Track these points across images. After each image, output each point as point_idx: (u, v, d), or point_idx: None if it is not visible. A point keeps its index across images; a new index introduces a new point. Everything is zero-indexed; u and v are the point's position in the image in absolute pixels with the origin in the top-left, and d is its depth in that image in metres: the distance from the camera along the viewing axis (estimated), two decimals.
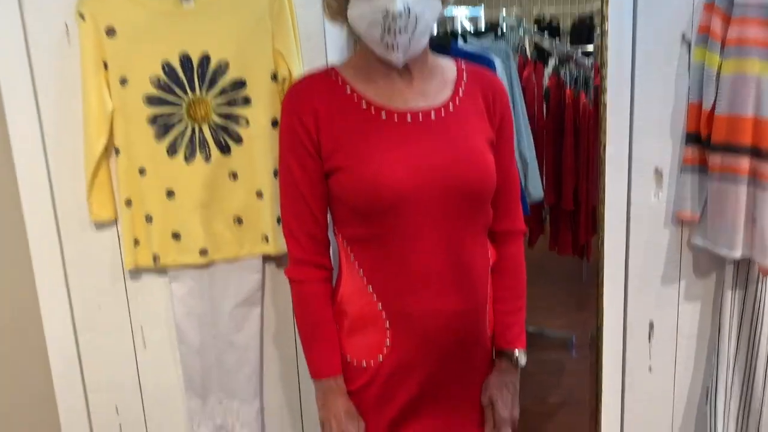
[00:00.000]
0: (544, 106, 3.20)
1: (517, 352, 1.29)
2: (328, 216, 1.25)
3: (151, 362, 1.69)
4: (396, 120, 1.17)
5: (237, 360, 1.65)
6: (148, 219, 1.55)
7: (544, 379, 3.15)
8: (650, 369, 1.89)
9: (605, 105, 1.72)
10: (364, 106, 1.18)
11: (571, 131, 3.12)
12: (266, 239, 1.58)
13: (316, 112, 1.17)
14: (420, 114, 1.18)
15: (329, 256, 1.26)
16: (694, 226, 1.77)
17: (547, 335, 3.49)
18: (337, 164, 1.16)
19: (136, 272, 1.63)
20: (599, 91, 1.75)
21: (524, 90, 2.89)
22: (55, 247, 1.61)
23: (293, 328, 1.68)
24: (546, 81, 3.22)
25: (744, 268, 1.75)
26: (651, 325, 1.86)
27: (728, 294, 1.77)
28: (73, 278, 1.63)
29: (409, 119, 1.18)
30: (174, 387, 1.71)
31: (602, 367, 1.87)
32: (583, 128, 3.11)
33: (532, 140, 2.71)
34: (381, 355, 1.22)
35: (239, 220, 1.57)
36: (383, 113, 1.17)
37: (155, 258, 1.57)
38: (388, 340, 1.21)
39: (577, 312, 3.75)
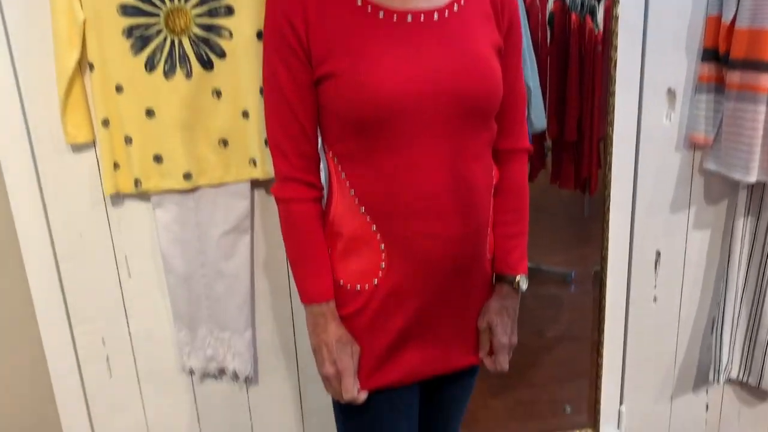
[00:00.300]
0: (548, 32, 3.05)
1: (518, 277, 1.22)
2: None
3: (137, 292, 1.62)
4: (395, 20, 1.06)
5: (226, 289, 1.58)
6: (128, 140, 1.45)
7: (542, 314, 3.11)
8: (655, 299, 1.83)
9: (617, 18, 1.61)
10: (360, 4, 1.06)
11: (576, 59, 2.98)
12: (254, 163, 1.49)
13: (306, 9, 1.05)
14: (422, 14, 1.07)
15: (320, 175, 1.17)
16: (707, 149, 1.68)
17: (545, 271, 3.44)
18: (329, 70, 1.05)
19: (118, 198, 1.54)
20: (612, 4, 1.63)
21: (527, 14, 2.75)
22: (30, 173, 1.51)
23: (285, 257, 1.60)
24: (550, 5, 3.06)
25: (758, 193, 1.67)
26: (658, 254, 1.79)
27: (740, 221, 1.70)
28: (52, 205, 1.54)
29: (409, 19, 1.06)
30: (162, 318, 1.64)
31: (605, 297, 1.82)
32: (589, 56, 2.97)
33: (536, 67, 2.58)
34: (376, 279, 1.14)
35: (224, 142, 1.47)
36: (381, 12, 1.06)
37: (137, 182, 1.48)
38: (383, 263, 1.13)
39: (578, 248, 3.68)
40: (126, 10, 1.38)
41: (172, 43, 1.41)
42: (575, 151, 3.11)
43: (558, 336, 2.94)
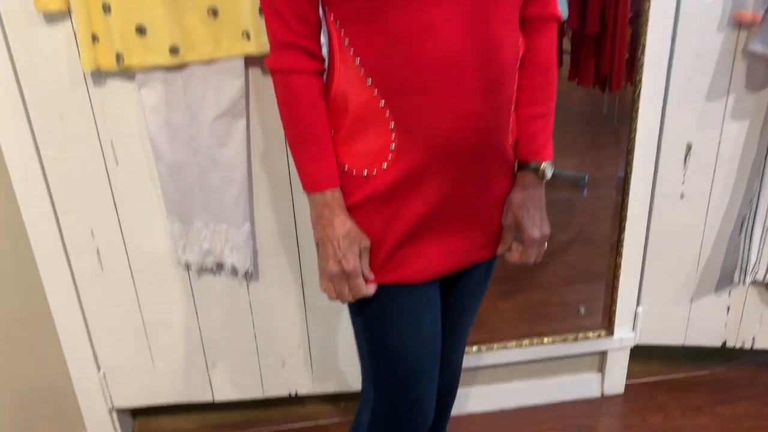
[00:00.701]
0: None
1: (543, 164, 1.10)
2: None
3: (126, 181, 1.50)
4: None
5: (222, 179, 1.46)
6: (106, 9, 1.29)
7: (553, 219, 3.00)
8: (682, 196, 1.71)
9: None
10: None
11: None
12: (247, 36, 1.33)
13: None
14: None
15: (320, 44, 1.02)
16: (753, 29, 1.51)
17: (556, 174, 3.31)
18: None
19: (99, 76, 1.40)
20: None
21: None
22: (1, 48, 1.36)
23: (285, 145, 1.47)
24: None
25: None
26: (688, 147, 1.66)
27: None
28: (27, 85, 1.40)
29: None
30: (154, 209, 1.53)
31: (629, 193, 1.69)
32: None
33: None
34: (385, 163, 1.01)
35: (214, 12, 1.31)
36: None
37: (118, 57, 1.33)
38: (393, 144, 1.00)
39: (592, 151, 3.54)
40: None
41: None
42: (596, 44, 2.91)
43: (569, 240, 2.85)
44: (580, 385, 1.95)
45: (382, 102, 0.98)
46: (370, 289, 1.06)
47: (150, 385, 1.74)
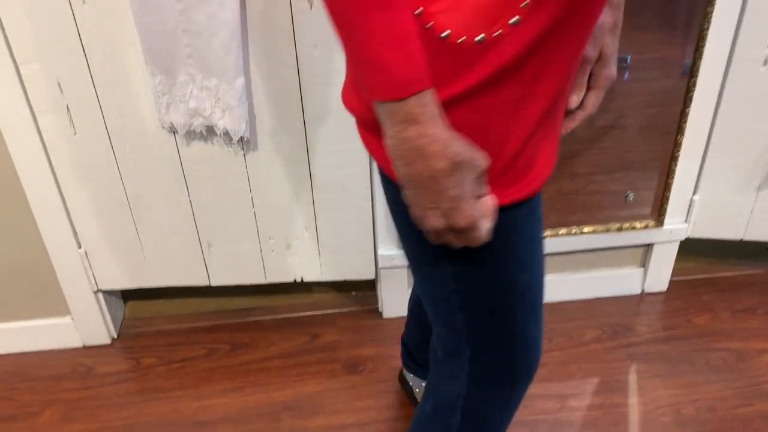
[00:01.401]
0: None
1: None
2: None
3: (96, 22, 1.24)
4: None
5: (209, 19, 1.19)
6: None
7: None
8: (765, 62, 1.43)
9: None
10: None
11: None
12: None
13: None
14: None
15: None
16: None
17: None
18: None
19: None
20: None
21: None
22: None
23: None
24: None
25: None
26: None
27: None
28: None
29: None
30: (131, 58, 1.28)
31: (702, 57, 1.41)
32: None
33: None
34: (517, 16, 0.61)
35: None
36: None
37: None
38: None
39: (637, 31, 3.19)
40: None
41: None
42: None
43: (607, 125, 2.59)
44: (619, 281, 1.75)
45: None
46: (488, 227, 0.69)
47: (137, 266, 1.55)
